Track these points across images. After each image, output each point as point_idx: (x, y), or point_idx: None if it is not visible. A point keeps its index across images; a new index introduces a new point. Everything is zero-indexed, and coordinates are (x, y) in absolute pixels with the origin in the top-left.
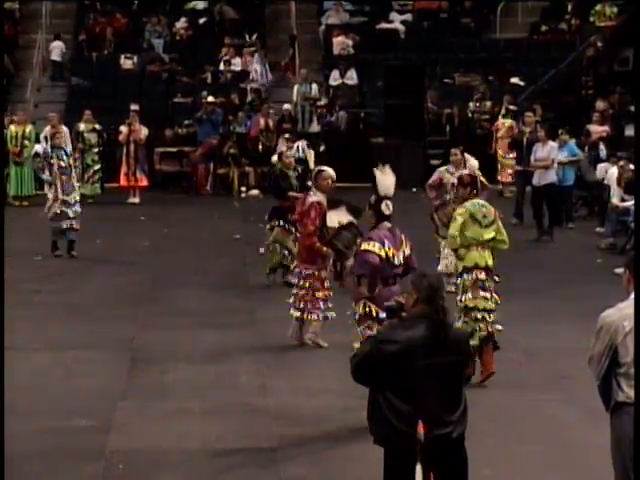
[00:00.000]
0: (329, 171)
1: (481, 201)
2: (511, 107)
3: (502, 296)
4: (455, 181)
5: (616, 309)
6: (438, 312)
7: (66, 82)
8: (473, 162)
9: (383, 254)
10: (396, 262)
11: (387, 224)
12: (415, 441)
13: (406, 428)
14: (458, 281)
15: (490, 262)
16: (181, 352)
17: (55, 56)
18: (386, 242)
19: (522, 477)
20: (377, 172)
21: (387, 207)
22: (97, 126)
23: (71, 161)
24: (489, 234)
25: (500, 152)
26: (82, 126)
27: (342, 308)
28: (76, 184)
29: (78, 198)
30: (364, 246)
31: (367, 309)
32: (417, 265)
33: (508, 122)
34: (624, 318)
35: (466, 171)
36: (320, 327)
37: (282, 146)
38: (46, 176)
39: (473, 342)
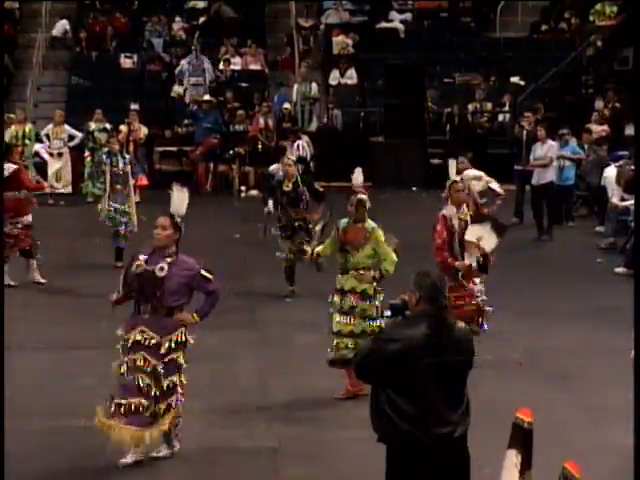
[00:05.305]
0: (464, 182)
1: None
2: None
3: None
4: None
5: None
6: (440, 311)
7: (68, 51)
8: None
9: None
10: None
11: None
12: (418, 440)
13: (408, 427)
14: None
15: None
16: None
17: (57, 32)
18: (141, 258)
19: None
20: (174, 189)
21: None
22: (107, 125)
23: (128, 168)
24: None
25: None
26: (93, 125)
27: None
28: (132, 193)
29: (131, 207)
30: None
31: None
32: (214, 289)
33: None
34: None
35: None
36: None
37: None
38: (99, 184)
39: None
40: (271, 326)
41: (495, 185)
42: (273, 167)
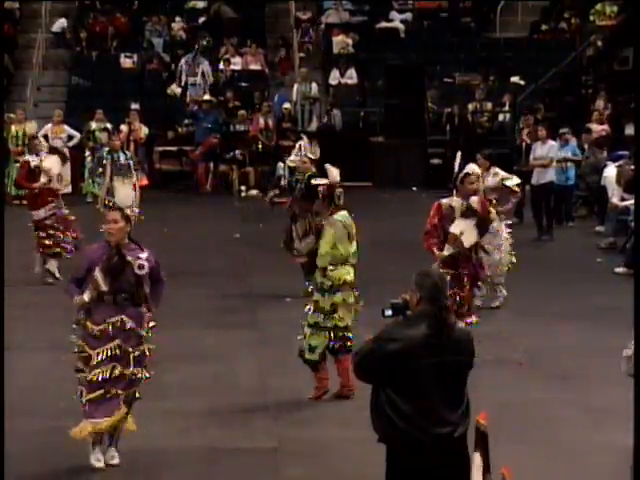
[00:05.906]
0: (476, 174)
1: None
2: None
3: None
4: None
5: None
6: (441, 311)
7: (69, 51)
8: (334, 172)
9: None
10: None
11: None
12: (418, 440)
13: (407, 427)
14: (322, 298)
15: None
16: (181, 352)
17: (56, 28)
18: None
19: (522, 476)
20: (117, 182)
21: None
22: (108, 125)
23: (131, 163)
24: (353, 248)
25: None
26: (93, 125)
27: None
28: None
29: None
30: None
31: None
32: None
33: None
34: None
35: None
36: None
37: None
38: (99, 179)
39: (314, 357)
40: (271, 326)
41: (510, 183)
42: (289, 159)
